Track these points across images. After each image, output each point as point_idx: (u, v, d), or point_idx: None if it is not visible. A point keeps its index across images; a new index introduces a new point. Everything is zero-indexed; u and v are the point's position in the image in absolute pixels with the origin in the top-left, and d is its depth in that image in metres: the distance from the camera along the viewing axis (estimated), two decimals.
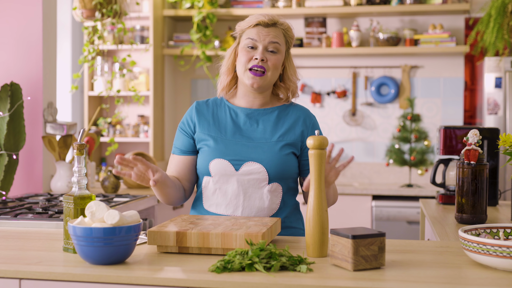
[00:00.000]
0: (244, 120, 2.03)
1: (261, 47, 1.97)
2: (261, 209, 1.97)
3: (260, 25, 1.99)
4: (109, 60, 4.84)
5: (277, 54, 1.99)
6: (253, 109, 2.05)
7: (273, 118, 2.04)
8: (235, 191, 1.96)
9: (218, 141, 2.00)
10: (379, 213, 4.33)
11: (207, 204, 2.02)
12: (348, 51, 4.77)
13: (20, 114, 3.00)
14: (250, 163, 1.96)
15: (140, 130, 4.86)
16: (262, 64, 1.96)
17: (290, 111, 2.07)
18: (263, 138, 2.00)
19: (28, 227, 2.15)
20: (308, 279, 1.36)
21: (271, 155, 1.97)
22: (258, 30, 1.98)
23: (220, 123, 2.04)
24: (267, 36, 1.97)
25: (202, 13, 4.80)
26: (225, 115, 2.05)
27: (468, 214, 2.20)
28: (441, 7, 4.58)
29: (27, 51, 3.24)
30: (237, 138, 2.00)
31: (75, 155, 1.65)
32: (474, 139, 2.15)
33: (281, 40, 2.00)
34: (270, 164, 1.96)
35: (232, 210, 1.97)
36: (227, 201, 1.97)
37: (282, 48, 2.01)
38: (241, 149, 1.98)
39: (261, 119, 2.04)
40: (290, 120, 2.04)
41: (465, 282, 1.36)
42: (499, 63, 4.15)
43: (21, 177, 3.22)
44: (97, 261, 1.48)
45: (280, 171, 1.97)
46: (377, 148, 4.95)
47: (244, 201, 1.96)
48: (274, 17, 2.00)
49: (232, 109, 2.06)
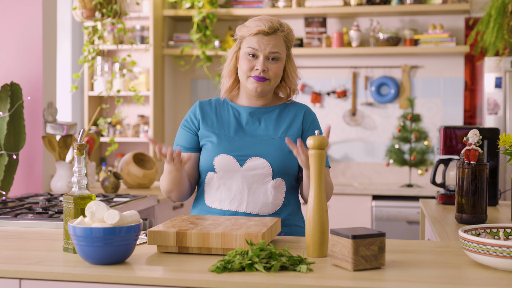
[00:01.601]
0: (246, 119, 2.06)
1: (262, 56, 1.99)
2: (265, 204, 1.99)
3: (261, 33, 1.99)
4: (109, 60, 4.84)
5: (278, 62, 2.01)
6: (255, 108, 2.07)
7: (275, 116, 2.07)
8: (240, 187, 1.98)
9: (221, 137, 2.03)
10: (379, 213, 4.33)
11: (209, 200, 2.03)
12: (348, 51, 4.77)
13: (20, 114, 3.00)
14: (254, 158, 1.99)
15: (140, 130, 4.86)
16: (264, 75, 1.99)
17: (291, 108, 2.10)
18: (266, 135, 2.03)
19: (28, 227, 2.15)
20: (308, 279, 1.36)
21: (275, 150, 2.00)
22: (259, 39, 1.99)
23: (223, 121, 2.06)
24: (268, 46, 1.99)
25: (202, 13, 4.79)
26: (228, 114, 2.08)
27: (468, 214, 2.20)
28: (441, 7, 4.58)
29: (27, 51, 3.24)
30: (240, 135, 2.03)
31: (75, 155, 1.65)
32: (474, 139, 2.15)
33: (281, 48, 2.01)
34: (274, 159, 1.99)
35: (236, 206, 1.98)
36: (231, 196, 1.99)
37: (282, 55, 2.02)
38: (245, 145, 2.01)
39: (263, 117, 2.07)
40: (291, 116, 2.08)
41: (465, 282, 1.36)
42: (499, 63, 4.15)
43: (21, 177, 3.22)
44: (97, 261, 1.48)
45: (284, 166, 2.00)
46: (377, 148, 4.95)
47: (249, 197, 1.98)
48: (274, 24, 2.00)
49: (235, 108, 2.09)
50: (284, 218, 2.01)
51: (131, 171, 3.45)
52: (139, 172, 3.46)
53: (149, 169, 3.60)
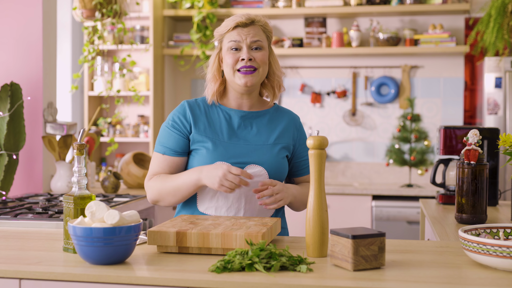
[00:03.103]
0: (238, 123, 2.04)
1: (245, 46, 1.98)
2: (262, 211, 2.00)
3: (239, 26, 1.99)
4: (109, 60, 4.84)
5: (262, 50, 2.00)
6: (246, 112, 2.05)
7: (266, 120, 2.07)
8: (237, 194, 1.96)
9: (216, 143, 1.99)
10: (379, 213, 4.33)
11: (203, 207, 2.00)
12: (348, 51, 4.77)
13: (20, 114, 3.00)
14: (252, 166, 1.98)
15: (140, 130, 4.86)
16: (251, 64, 1.97)
17: (280, 114, 2.10)
18: (260, 140, 2.02)
19: (28, 227, 2.14)
20: (308, 279, 1.36)
21: (271, 158, 2.00)
22: (239, 31, 1.99)
23: (215, 125, 2.03)
24: (248, 35, 1.98)
25: (202, 13, 4.80)
26: (219, 117, 2.04)
27: (468, 214, 2.20)
28: (441, 7, 4.58)
29: (27, 51, 3.24)
30: (234, 140, 2.01)
31: (75, 155, 1.65)
32: (474, 139, 2.15)
33: (262, 37, 2.01)
34: (270, 166, 1.99)
35: (233, 213, 1.97)
36: (228, 204, 1.97)
37: (264, 44, 2.02)
38: (240, 152, 1.99)
39: (255, 122, 2.05)
40: (283, 124, 2.08)
41: (465, 282, 1.36)
42: (499, 63, 4.15)
43: (21, 177, 3.22)
44: (97, 261, 1.48)
45: (279, 173, 2.01)
46: (377, 148, 4.95)
47: (246, 204, 1.97)
48: (250, 15, 2.01)
49: (225, 111, 2.06)
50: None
51: (131, 171, 3.45)
52: (139, 172, 3.46)
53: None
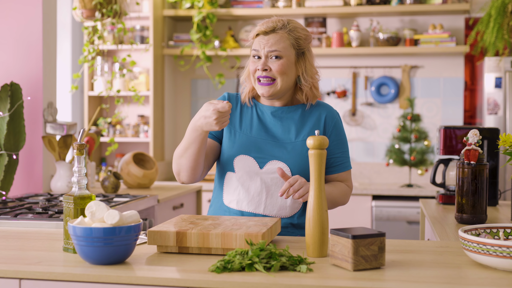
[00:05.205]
0: (269, 119, 2.05)
1: (263, 56, 1.99)
2: (283, 208, 1.99)
3: (260, 34, 2.01)
4: (109, 60, 4.84)
5: (282, 59, 1.98)
6: (277, 107, 2.06)
7: (297, 116, 2.06)
8: (258, 189, 1.99)
9: (242, 136, 2.03)
10: (379, 213, 4.33)
11: (227, 200, 2.03)
12: (348, 51, 4.77)
13: (20, 114, 3.00)
14: (274, 161, 1.99)
15: (140, 130, 4.86)
16: (266, 74, 1.98)
17: (314, 109, 2.08)
18: (288, 138, 2.03)
19: (28, 227, 2.15)
20: (308, 279, 1.36)
21: (295, 155, 2.00)
22: (259, 40, 2.00)
23: (246, 118, 2.07)
24: (266, 45, 1.98)
25: (202, 13, 4.79)
26: (252, 112, 2.08)
27: (468, 214, 2.20)
28: (441, 7, 4.58)
29: (27, 51, 3.24)
30: (262, 135, 2.03)
31: (75, 155, 1.65)
32: (474, 139, 2.15)
33: (284, 44, 1.98)
34: (294, 163, 1.99)
35: (254, 207, 1.99)
36: (249, 197, 1.99)
37: (286, 52, 1.99)
38: (265, 147, 2.01)
39: (285, 117, 2.05)
40: (313, 120, 2.06)
41: (465, 282, 1.36)
42: (499, 63, 4.15)
43: (21, 177, 3.22)
44: (97, 261, 1.48)
45: (303, 170, 1.99)
46: (377, 148, 4.95)
47: (267, 199, 1.99)
48: (274, 23, 1.99)
49: (259, 107, 2.08)
50: (302, 221, 2.02)
51: (131, 171, 3.45)
52: (139, 172, 3.46)
53: (149, 169, 3.60)
